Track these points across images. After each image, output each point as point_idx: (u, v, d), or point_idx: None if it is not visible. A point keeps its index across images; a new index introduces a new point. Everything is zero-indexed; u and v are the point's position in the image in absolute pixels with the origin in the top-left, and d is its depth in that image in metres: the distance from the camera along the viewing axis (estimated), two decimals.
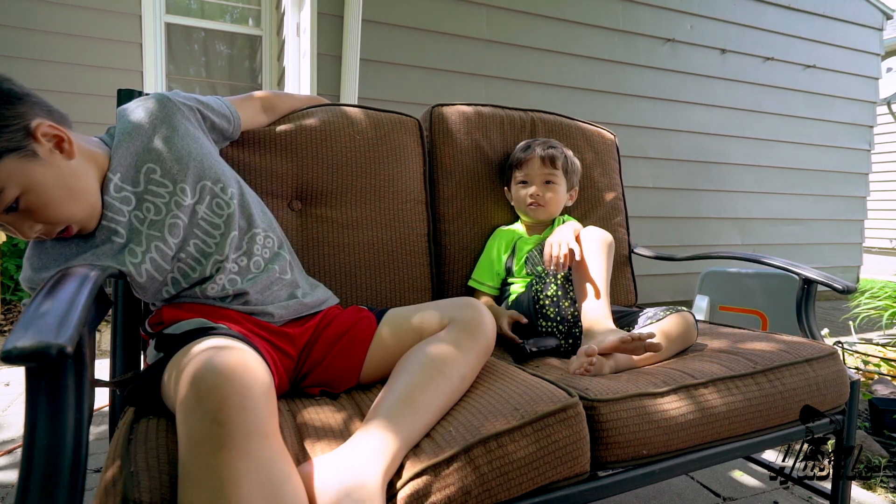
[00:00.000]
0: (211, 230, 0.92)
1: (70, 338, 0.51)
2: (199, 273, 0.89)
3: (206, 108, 1.02)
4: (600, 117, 2.99)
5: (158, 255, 0.86)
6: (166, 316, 0.86)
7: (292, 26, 2.87)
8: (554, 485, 0.74)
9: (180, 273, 0.89)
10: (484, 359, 0.86)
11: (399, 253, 1.30)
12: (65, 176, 0.80)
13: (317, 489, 0.60)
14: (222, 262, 0.90)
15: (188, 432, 0.55)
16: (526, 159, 1.38)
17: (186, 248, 0.89)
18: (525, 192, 1.38)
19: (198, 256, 0.90)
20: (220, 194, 0.93)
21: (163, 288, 0.89)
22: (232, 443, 0.53)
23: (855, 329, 3.17)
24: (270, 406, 0.59)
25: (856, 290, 1.33)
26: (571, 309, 1.16)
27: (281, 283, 0.97)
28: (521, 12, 2.88)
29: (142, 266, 0.85)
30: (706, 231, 3.55)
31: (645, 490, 1.36)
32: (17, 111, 0.76)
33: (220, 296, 0.90)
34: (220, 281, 0.90)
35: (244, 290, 0.91)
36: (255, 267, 0.94)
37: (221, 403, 0.54)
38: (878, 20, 4.05)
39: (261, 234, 0.97)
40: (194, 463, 0.53)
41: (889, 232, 7.09)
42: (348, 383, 0.91)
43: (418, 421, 0.71)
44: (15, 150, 0.75)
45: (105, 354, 2.46)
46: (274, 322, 0.92)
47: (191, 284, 0.89)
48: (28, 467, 0.52)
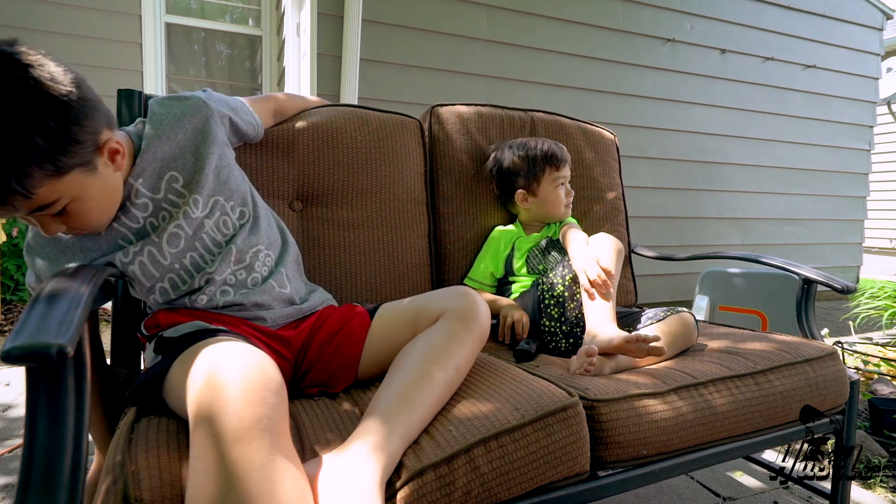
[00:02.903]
0: (212, 247, 0.90)
1: (70, 338, 0.51)
2: (188, 286, 0.88)
3: (237, 116, 1.03)
4: (600, 117, 2.99)
5: (149, 259, 0.85)
6: (162, 320, 0.85)
7: (292, 26, 2.87)
8: (554, 484, 0.74)
9: (170, 283, 0.87)
10: (479, 346, 0.86)
11: (399, 253, 1.31)
12: (110, 187, 0.80)
13: (316, 489, 0.60)
14: (212, 276, 0.88)
15: (203, 426, 0.55)
16: (564, 159, 1.38)
17: (182, 261, 0.87)
18: (561, 193, 1.38)
19: (191, 269, 0.88)
20: (229, 213, 0.93)
21: (150, 296, 0.88)
22: (247, 437, 0.54)
23: (855, 329, 3.17)
24: (282, 405, 0.61)
25: (856, 290, 1.33)
26: (576, 311, 1.16)
27: (279, 297, 0.95)
28: (521, 12, 2.88)
29: (129, 267, 0.85)
30: (706, 231, 3.55)
31: (645, 490, 1.36)
32: (94, 125, 0.74)
33: (210, 306, 0.89)
34: (210, 292, 0.88)
35: (239, 302, 0.90)
36: (251, 282, 0.93)
37: (239, 399, 0.56)
38: (878, 20, 4.05)
39: (263, 252, 0.96)
40: (208, 457, 0.54)
41: (889, 232, 7.09)
42: (346, 381, 0.90)
43: (415, 416, 0.71)
44: (82, 166, 0.74)
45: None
46: (268, 325, 0.92)
47: (178, 296, 0.88)
48: (28, 467, 0.52)
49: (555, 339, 1.17)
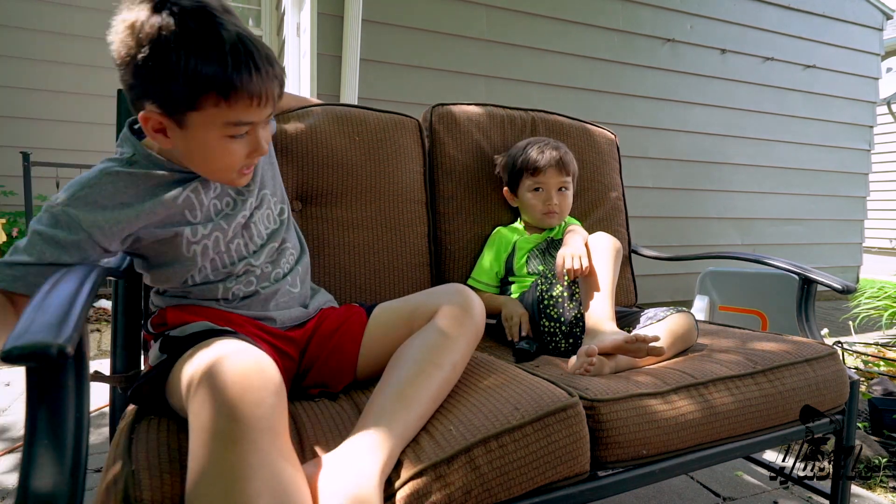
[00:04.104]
0: (255, 237, 0.93)
1: (70, 338, 0.51)
2: (227, 271, 0.89)
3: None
4: (600, 117, 2.99)
5: (213, 243, 0.87)
6: (170, 317, 0.85)
7: (292, 26, 2.87)
8: (554, 485, 0.74)
9: (212, 266, 0.88)
10: (475, 343, 0.86)
11: (399, 253, 1.31)
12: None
13: (316, 489, 0.60)
14: (251, 265, 0.91)
15: (202, 426, 0.56)
16: (542, 167, 1.33)
17: (230, 246, 0.89)
18: (538, 199, 1.36)
19: (234, 257, 0.90)
20: (272, 207, 0.97)
21: (188, 275, 0.86)
22: (245, 437, 0.54)
23: (855, 329, 3.17)
24: (281, 405, 0.61)
25: (856, 290, 1.33)
26: (575, 311, 1.16)
27: (289, 294, 0.97)
28: (521, 12, 2.88)
29: (193, 246, 0.85)
30: (706, 231, 3.55)
31: (645, 490, 1.36)
32: None
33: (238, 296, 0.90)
34: (244, 281, 0.90)
35: (255, 291, 0.92)
36: (274, 277, 0.95)
37: (237, 399, 0.56)
38: (878, 20, 4.05)
39: (289, 250, 0.99)
40: (207, 457, 0.54)
41: (889, 232, 7.09)
42: (345, 380, 0.91)
43: (412, 414, 0.71)
44: None
45: (105, 354, 2.46)
46: (276, 326, 0.93)
47: (217, 279, 0.88)
48: (28, 467, 0.52)
49: (554, 340, 1.17)
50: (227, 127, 0.76)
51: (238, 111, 0.74)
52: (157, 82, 0.71)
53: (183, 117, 0.74)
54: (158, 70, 0.70)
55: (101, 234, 0.77)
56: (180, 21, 0.69)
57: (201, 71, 0.70)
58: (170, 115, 0.74)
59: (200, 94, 0.71)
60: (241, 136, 0.79)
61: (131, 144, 0.83)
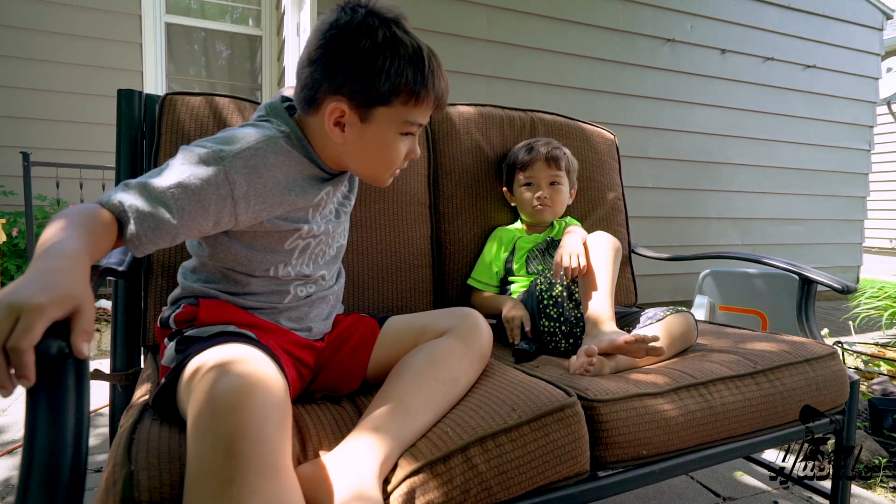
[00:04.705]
0: (332, 247, 0.94)
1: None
2: (307, 273, 0.88)
3: None
4: (600, 117, 2.98)
5: (315, 246, 0.88)
6: (202, 314, 0.79)
7: (292, 26, 2.87)
8: (554, 485, 0.74)
9: (296, 264, 0.87)
10: (479, 365, 0.87)
11: (401, 254, 1.30)
12: None
13: (316, 490, 0.60)
14: (321, 275, 0.91)
15: (198, 457, 0.53)
16: (530, 161, 1.37)
17: (316, 249, 0.89)
18: (530, 194, 1.37)
19: (319, 262, 0.91)
20: (344, 223, 0.98)
21: (274, 266, 0.84)
22: (243, 478, 0.51)
23: (855, 329, 3.17)
24: (286, 432, 0.57)
25: (856, 290, 1.33)
26: (575, 311, 1.16)
27: (329, 305, 0.97)
28: (521, 12, 2.88)
29: (299, 241, 0.85)
30: (706, 231, 3.55)
31: (645, 490, 1.36)
32: None
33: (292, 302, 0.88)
34: (308, 285, 0.90)
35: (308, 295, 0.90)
36: (327, 286, 0.95)
37: (236, 433, 0.52)
38: (878, 20, 4.05)
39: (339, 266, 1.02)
40: (200, 494, 0.52)
41: (889, 232, 7.09)
42: (352, 387, 0.91)
43: (410, 422, 0.71)
44: None
45: (105, 354, 2.46)
46: (309, 337, 0.91)
47: (294, 277, 0.87)
48: (28, 467, 0.52)
49: (554, 340, 1.17)
50: (405, 125, 0.81)
51: (419, 111, 0.81)
52: (358, 78, 0.75)
53: (370, 111, 0.78)
54: (364, 68, 0.75)
55: (245, 209, 0.74)
56: (384, 26, 0.76)
57: (404, 72, 0.76)
58: (358, 108, 0.77)
59: (398, 92, 0.77)
60: (409, 136, 0.84)
61: (285, 121, 0.82)
